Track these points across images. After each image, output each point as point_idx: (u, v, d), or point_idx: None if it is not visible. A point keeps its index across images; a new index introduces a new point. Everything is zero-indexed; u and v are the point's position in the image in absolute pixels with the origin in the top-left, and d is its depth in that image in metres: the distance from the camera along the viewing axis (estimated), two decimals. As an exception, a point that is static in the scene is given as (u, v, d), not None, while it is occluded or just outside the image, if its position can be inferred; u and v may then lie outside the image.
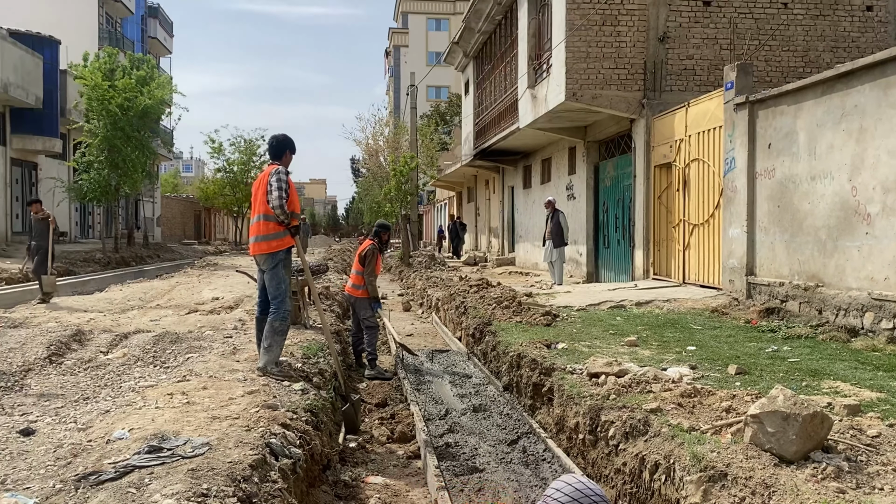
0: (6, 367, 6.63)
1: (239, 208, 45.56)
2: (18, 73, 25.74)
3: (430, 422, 6.74)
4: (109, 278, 20.18)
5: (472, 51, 24.64)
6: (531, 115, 16.51)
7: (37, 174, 30.09)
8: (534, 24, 16.79)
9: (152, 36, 49.16)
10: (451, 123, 47.42)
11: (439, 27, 71.13)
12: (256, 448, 4.25)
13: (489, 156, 23.24)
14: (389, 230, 9.83)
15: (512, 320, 9.41)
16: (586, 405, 5.69)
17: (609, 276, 15.92)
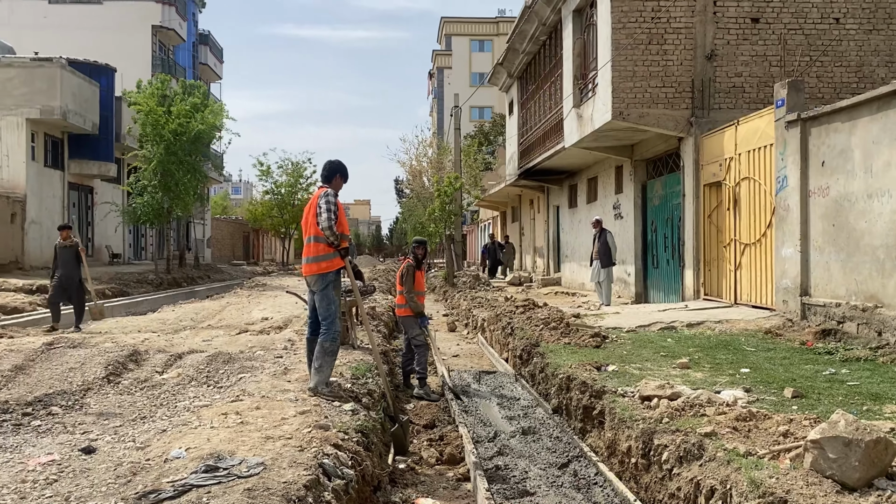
0: (67, 386, 6.82)
1: (286, 229, 46.26)
2: (77, 100, 26.69)
3: (479, 444, 6.71)
4: (162, 299, 20.66)
5: (516, 71, 24.73)
6: (577, 134, 16.47)
7: (93, 198, 31.04)
8: (579, 43, 16.80)
9: (203, 62, 50.51)
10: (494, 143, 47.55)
11: (482, 48, 71.64)
12: (310, 468, 4.29)
13: (534, 175, 23.21)
14: (425, 246, 9.84)
15: (560, 342, 9.33)
16: (639, 428, 5.61)
17: (658, 297, 15.71)
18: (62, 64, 26.01)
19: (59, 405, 6.17)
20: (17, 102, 24.91)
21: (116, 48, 38.26)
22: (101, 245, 31.65)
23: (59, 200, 27.62)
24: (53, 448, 4.89)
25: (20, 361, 7.74)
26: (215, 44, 53.18)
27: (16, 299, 17.17)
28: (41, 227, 25.84)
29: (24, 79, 25.25)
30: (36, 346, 8.88)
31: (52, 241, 26.74)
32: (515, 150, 25.41)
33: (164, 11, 42.80)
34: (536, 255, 27.85)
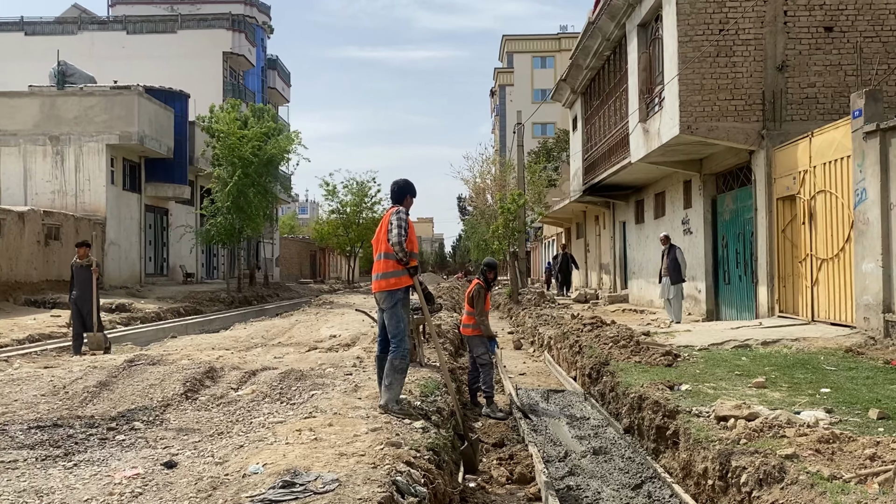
0: (148, 402, 7.06)
1: (351, 248, 46.95)
2: (153, 126, 27.80)
3: (549, 463, 6.64)
4: (233, 317, 21.20)
5: (579, 87, 24.62)
6: (643, 149, 16.27)
7: (167, 219, 32.17)
8: (644, 58, 16.63)
9: (271, 86, 51.97)
10: (558, 159, 47.32)
11: (544, 65, 71.56)
12: (384, 486, 4.33)
13: (599, 191, 22.99)
14: (496, 268, 9.77)
15: (630, 360, 9.19)
16: (715, 449, 5.47)
17: (730, 314, 15.30)
18: (139, 91, 27.16)
19: (141, 420, 6.39)
20: (98, 129, 26.11)
21: (189, 75, 39.75)
22: (175, 265, 32.73)
23: (136, 222, 28.73)
24: (137, 462, 5.07)
25: (103, 378, 8.06)
26: (283, 68, 54.65)
27: (97, 317, 17.87)
28: (120, 248, 26.92)
29: (104, 106, 26.46)
30: (117, 363, 9.23)
31: (130, 261, 27.97)
32: (580, 165, 25.24)
33: (235, 38, 44.28)
34: (602, 272, 27.51)
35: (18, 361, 10.66)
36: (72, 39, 42.86)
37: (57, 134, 25.99)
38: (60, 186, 26.00)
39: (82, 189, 25.96)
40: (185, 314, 21.27)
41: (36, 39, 43.36)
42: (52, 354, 11.83)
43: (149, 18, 45.33)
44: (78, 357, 11.09)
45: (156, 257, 31.38)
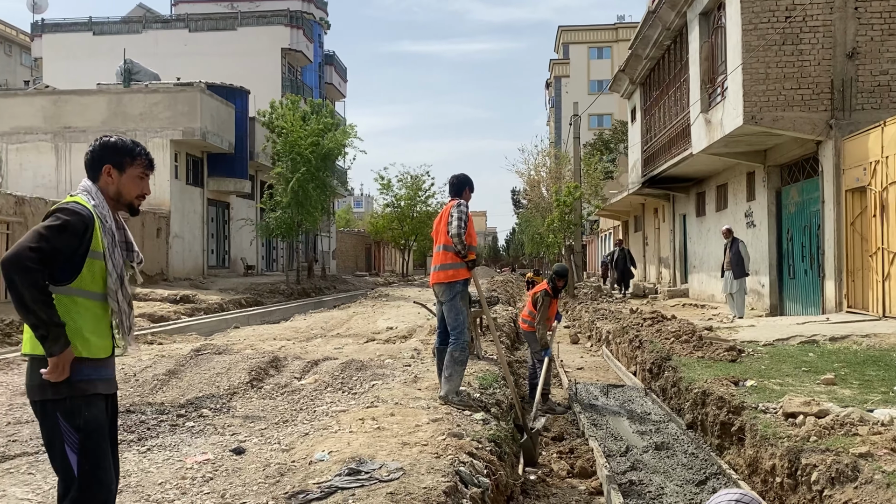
0: (215, 390, 7.26)
1: (406, 241, 47.23)
2: (214, 121, 28.44)
3: (610, 458, 6.59)
4: (293, 308, 21.57)
5: (638, 77, 24.22)
6: (705, 140, 15.92)
7: (229, 213, 32.90)
8: (706, 47, 16.26)
9: (328, 82, 52.58)
10: (615, 151, 46.69)
11: (601, 55, 70.60)
12: (447, 475, 4.36)
13: (658, 183, 22.59)
14: (566, 277, 9.48)
15: (693, 355, 9.02)
16: (783, 447, 5.34)
17: (795, 309, 14.89)
18: (202, 88, 27.80)
19: (209, 408, 6.57)
20: (162, 125, 26.84)
21: (249, 71, 40.53)
22: (236, 257, 33.47)
23: (199, 216, 29.46)
24: (207, 448, 5.22)
25: (172, 366, 8.31)
26: (339, 63, 55.23)
27: (162, 308, 18.41)
28: (183, 241, 27.65)
29: (168, 103, 27.18)
30: (185, 352, 9.50)
31: (193, 253, 28.70)
32: (639, 157, 24.85)
33: (293, 35, 44.92)
34: (661, 266, 27.06)
35: (91, 349, 11.06)
36: (137, 38, 44.12)
37: (124, 130, 26.79)
38: (127, 181, 26.83)
39: (148, 183, 26.74)
40: (247, 305, 21.73)
41: (103, 39, 44.76)
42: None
43: (210, 16, 46.33)
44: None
45: (218, 250, 32.13)
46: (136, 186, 3.21)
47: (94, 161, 3.16)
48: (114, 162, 3.16)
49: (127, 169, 3.17)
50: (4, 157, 27.15)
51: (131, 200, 3.22)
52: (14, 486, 4.37)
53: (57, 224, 2.88)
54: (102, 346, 3.01)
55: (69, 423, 2.89)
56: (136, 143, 3.27)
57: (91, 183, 3.14)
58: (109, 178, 3.15)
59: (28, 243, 2.80)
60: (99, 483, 2.94)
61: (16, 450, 5.15)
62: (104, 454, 2.98)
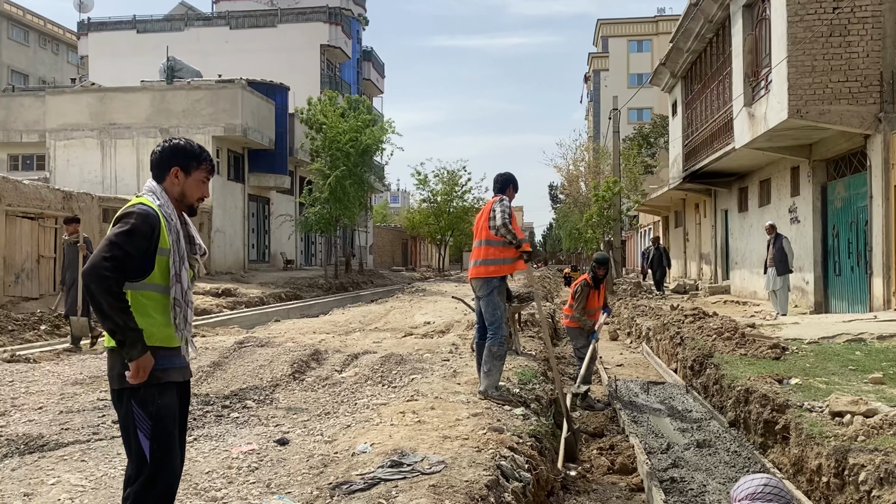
0: (258, 382, 7.38)
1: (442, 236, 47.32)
2: (255, 118, 28.80)
3: (651, 455, 6.54)
4: (332, 302, 21.80)
5: (680, 71, 23.90)
6: (748, 134, 15.65)
7: (269, 208, 33.30)
8: (750, 39, 15.97)
9: (366, 78, 52.81)
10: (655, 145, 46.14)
11: (641, 49, 69.73)
12: (489, 469, 4.38)
13: (700, 178, 22.26)
14: (606, 264, 9.40)
15: (735, 353, 8.90)
16: (830, 446, 5.25)
17: (841, 307, 14.58)
18: (243, 85, 28.17)
19: (253, 399, 6.69)
20: (204, 121, 27.25)
21: (288, 68, 40.90)
22: (276, 252, 33.88)
23: (240, 211, 29.88)
24: (252, 438, 5.32)
25: (216, 358, 8.47)
26: (377, 59, 55.43)
27: (205, 301, 18.73)
28: (225, 236, 28.08)
29: (210, 100, 27.59)
30: (228, 344, 9.67)
31: (234, 248, 29.14)
32: (680, 152, 24.52)
33: (332, 31, 45.20)
34: (702, 262, 26.70)
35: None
36: (179, 36, 44.80)
37: (167, 126, 27.29)
38: (170, 177, 27.33)
39: (190, 179, 27.20)
40: (286, 299, 22.00)
41: (147, 37, 45.55)
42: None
43: (250, 13, 46.84)
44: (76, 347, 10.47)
45: (258, 244, 32.56)
46: (199, 189, 3.38)
47: (162, 162, 3.34)
48: (181, 165, 3.33)
49: (192, 172, 3.35)
50: (52, 153, 27.84)
51: (192, 202, 3.39)
52: (68, 472, 4.50)
53: (125, 230, 3.05)
54: (169, 336, 3.17)
55: (143, 411, 3.07)
56: (202, 148, 3.46)
57: (156, 184, 3.31)
58: (176, 179, 3.32)
59: (102, 254, 3.00)
60: (169, 468, 3.13)
61: (69, 438, 5.30)
62: (174, 440, 3.16)
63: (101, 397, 6.71)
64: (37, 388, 7.13)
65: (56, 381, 7.55)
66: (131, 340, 2.98)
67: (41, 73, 53.64)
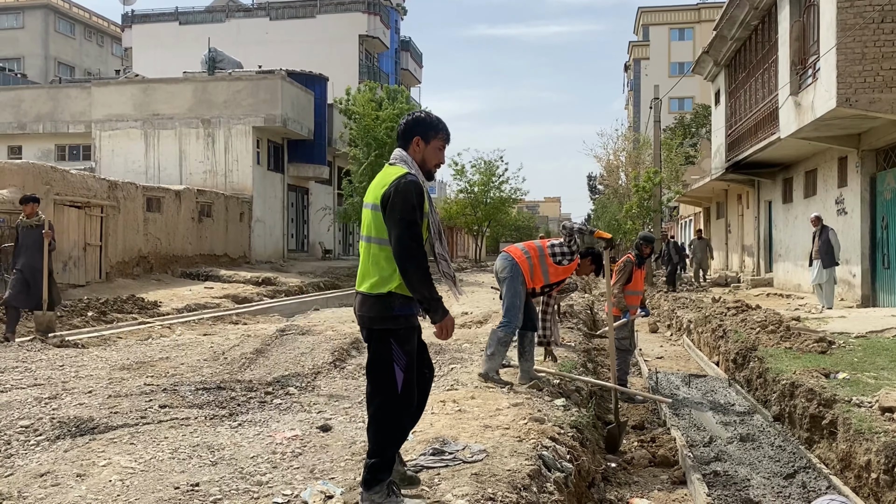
0: (300, 369, 7.47)
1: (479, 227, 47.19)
2: (294, 108, 29.01)
3: (693, 448, 6.47)
4: (369, 292, 21.89)
5: (723, 59, 23.45)
6: (794, 124, 15.31)
7: (308, 198, 33.58)
8: (797, 26, 15.60)
9: (404, 68, 52.85)
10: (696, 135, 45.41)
11: (682, 37, 68.53)
12: (531, 459, 4.38)
13: (743, 168, 21.86)
14: (652, 243, 9.20)
15: (780, 346, 8.75)
16: (880, 442, 5.14)
17: (890, 301, 14.21)
18: (282, 76, 28.38)
19: (295, 386, 6.77)
20: (245, 112, 27.55)
21: (328, 58, 41.12)
22: (314, 241, 34.18)
23: (279, 201, 30.19)
24: (295, 424, 5.38)
25: (259, 346, 8.59)
26: (415, 49, 55.43)
27: (245, 290, 19.00)
28: (265, 225, 28.40)
29: (250, 91, 27.87)
30: (270, 332, 9.79)
31: (274, 237, 29.49)
32: (722, 142, 24.10)
33: (370, 21, 45.30)
34: (745, 254, 26.25)
35: (180, 329, 11.54)
36: (220, 27, 45.32)
37: (208, 117, 27.65)
38: (211, 167, 27.68)
39: (231, 169, 27.53)
40: (325, 288, 22.18)
41: (189, 28, 46.18)
42: (208, 323, 12.70)
43: (290, 4, 47.17)
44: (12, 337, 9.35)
45: (297, 234, 32.86)
46: (436, 156, 3.80)
47: (406, 132, 3.78)
48: (422, 134, 3.74)
49: (431, 141, 3.76)
50: (98, 143, 28.41)
51: (430, 168, 3.80)
52: (118, 454, 4.61)
53: (409, 205, 3.53)
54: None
55: (401, 348, 3.62)
56: (440, 119, 3.83)
57: (404, 152, 3.75)
58: (417, 147, 3.75)
59: (405, 234, 3.53)
60: (411, 395, 3.67)
61: (118, 421, 5.42)
62: (416, 374, 3.70)
63: (147, 382, 6.86)
64: (86, 373, 7.30)
65: (104, 366, 7.73)
66: (434, 307, 3.56)
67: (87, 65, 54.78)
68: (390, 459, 3.65)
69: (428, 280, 3.57)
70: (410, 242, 3.52)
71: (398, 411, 3.63)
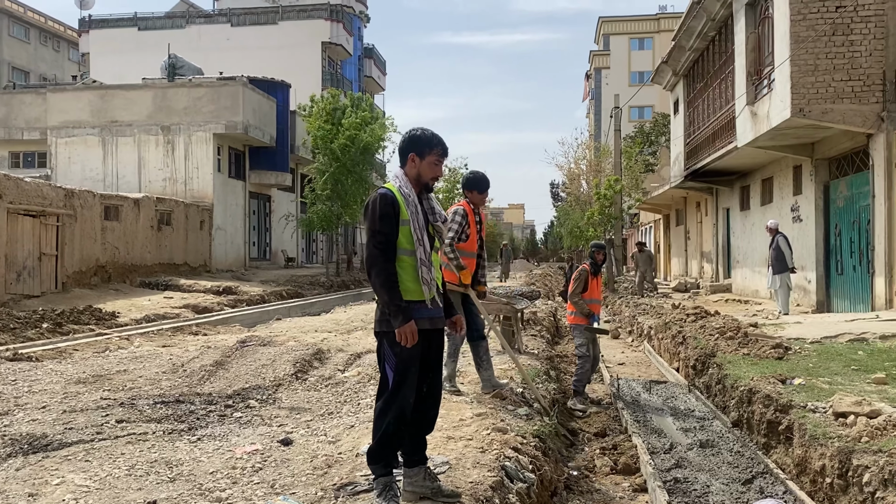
0: (261, 381, 7.38)
1: (444, 235, 47.21)
2: (256, 115, 28.78)
3: (654, 455, 6.54)
4: (333, 300, 21.79)
5: (682, 69, 23.87)
6: (751, 133, 15.64)
7: (270, 205, 33.30)
8: (753, 38, 15.95)
9: (368, 75, 52.78)
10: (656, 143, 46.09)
11: (642, 46, 69.69)
12: (493, 470, 4.39)
13: (701, 177, 22.24)
14: (605, 250, 9.46)
15: (738, 352, 8.89)
16: (834, 447, 5.25)
17: (843, 306, 14.57)
18: (244, 82, 28.15)
19: (256, 399, 6.69)
20: (205, 119, 27.25)
21: (290, 65, 40.88)
22: (277, 249, 33.89)
23: (241, 208, 29.88)
24: (255, 438, 5.31)
25: (219, 357, 8.47)
26: (379, 57, 55.40)
27: (206, 299, 18.76)
28: (226, 233, 28.08)
29: (211, 97, 27.59)
30: (230, 343, 9.67)
31: (235, 246, 29.15)
32: (681, 150, 24.50)
33: (333, 28, 45.19)
34: (704, 260, 26.69)
35: (138, 340, 11.33)
36: (180, 33, 44.80)
37: (168, 124, 27.29)
38: (171, 174, 27.31)
39: (191, 176, 27.19)
40: (288, 297, 22.00)
41: (148, 34, 45.55)
42: (167, 334, 12.51)
43: (251, 10, 46.83)
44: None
45: (259, 242, 32.57)
46: (432, 170, 4.06)
47: (402, 150, 4.07)
48: (417, 151, 4.03)
49: (426, 156, 4.03)
50: (54, 150, 27.85)
51: (427, 181, 4.07)
52: (72, 472, 4.50)
53: (375, 217, 3.87)
54: (418, 291, 3.92)
55: (391, 349, 3.89)
56: (434, 135, 4.09)
57: (399, 169, 4.08)
58: (413, 163, 4.03)
59: (370, 243, 3.89)
60: (403, 395, 3.89)
61: (72, 437, 5.30)
62: (411, 376, 3.90)
63: (104, 396, 6.72)
64: (40, 388, 7.13)
65: (59, 379, 7.55)
66: (394, 313, 3.79)
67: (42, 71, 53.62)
68: (383, 452, 3.89)
69: (389, 286, 3.82)
70: (374, 250, 3.86)
71: (389, 409, 3.88)
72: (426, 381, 4.05)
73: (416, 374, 3.94)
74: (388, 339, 3.90)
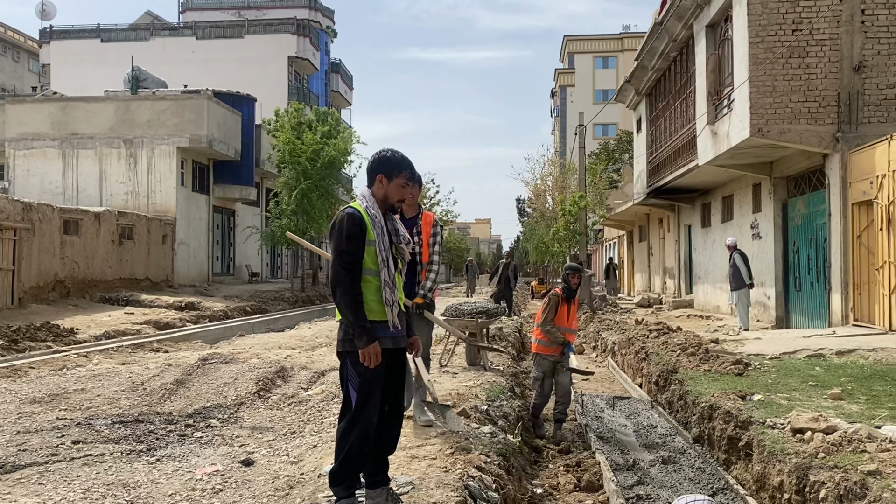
0: (222, 400, 7.27)
1: (411, 250, 47.14)
2: (221, 129, 28.53)
3: (617, 471, 6.59)
4: (298, 316, 21.60)
5: (644, 88, 24.27)
6: (711, 152, 15.95)
7: (234, 220, 32.96)
8: (713, 59, 16.30)
9: (335, 90, 52.71)
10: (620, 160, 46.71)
11: (606, 65, 70.70)
12: (457, 490, 4.37)
13: (663, 194, 22.60)
14: (580, 274, 8.55)
15: (699, 368, 9.03)
16: (792, 463, 5.35)
17: (801, 322, 14.87)
18: (209, 96, 27.90)
19: (217, 418, 6.59)
20: (169, 132, 26.92)
21: (256, 79, 40.65)
22: (241, 264, 33.52)
23: (204, 223, 29.52)
24: (216, 459, 5.23)
25: (179, 375, 8.33)
26: (346, 72, 55.39)
27: (168, 315, 18.45)
28: (189, 248, 27.70)
29: (175, 110, 27.28)
30: (191, 361, 9.52)
31: (198, 260, 28.75)
32: (644, 168, 24.88)
33: (300, 43, 45.09)
34: (666, 276, 27.05)
35: (97, 357, 11.10)
36: (144, 45, 44.30)
37: (131, 137, 26.90)
38: (133, 188, 26.90)
39: (154, 190, 26.81)
40: (251, 313, 21.75)
41: (111, 46, 44.97)
42: (127, 351, 12.27)
43: (217, 24, 46.53)
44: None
45: (223, 257, 32.19)
46: (398, 192, 4.07)
47: (371, 171, 4.08)
48: (385, 172, 4.04)
49: (394, 178, 4.04)
50: (12, 163, 27.26)
51: (393, 203, 4.08)
52: (25, 496, 4.39)
53: (342, 236, 3.88)
54: (381, 311, 3.93)
55: (354, 369, 3.90)
56: (403, 157, 4.12)
57: (367, 189, 4.08)
58: (381, 184, 4.05)
59: (335, 262, 3.89)
60: (367, 416, 3.92)
61: (26, 459, 5.17)
62: (375, 395, 3.92)
63: (60, 416, 6.56)
64: (-7, 407, 6.94)
65: (13, 399, 7.36)
66: (358, 333, 3.80)
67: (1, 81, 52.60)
68: (346, 474, 3.95)
69: (353, 306, 3.83)
70: (340, 270, 3.86)
71: (352, 429, 3.91)
72: (388, 400, 4.06)
73: (379, 395, 3.94)
74: (352, 359, 3.90)
